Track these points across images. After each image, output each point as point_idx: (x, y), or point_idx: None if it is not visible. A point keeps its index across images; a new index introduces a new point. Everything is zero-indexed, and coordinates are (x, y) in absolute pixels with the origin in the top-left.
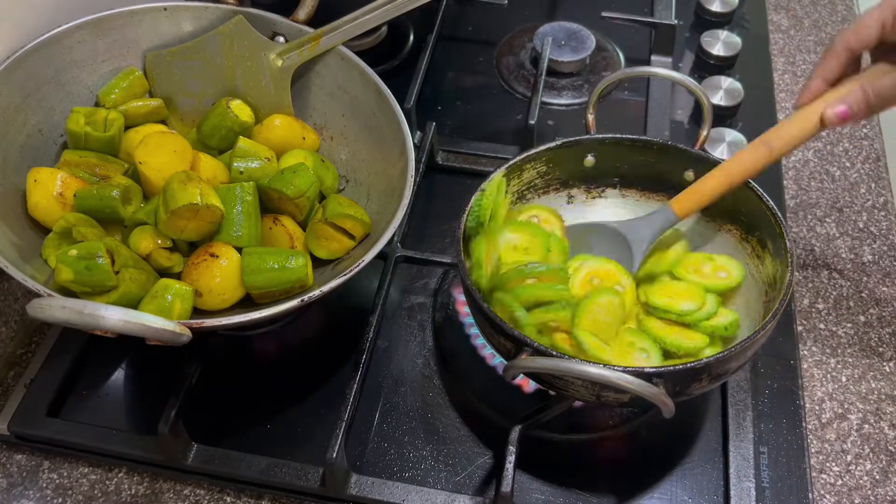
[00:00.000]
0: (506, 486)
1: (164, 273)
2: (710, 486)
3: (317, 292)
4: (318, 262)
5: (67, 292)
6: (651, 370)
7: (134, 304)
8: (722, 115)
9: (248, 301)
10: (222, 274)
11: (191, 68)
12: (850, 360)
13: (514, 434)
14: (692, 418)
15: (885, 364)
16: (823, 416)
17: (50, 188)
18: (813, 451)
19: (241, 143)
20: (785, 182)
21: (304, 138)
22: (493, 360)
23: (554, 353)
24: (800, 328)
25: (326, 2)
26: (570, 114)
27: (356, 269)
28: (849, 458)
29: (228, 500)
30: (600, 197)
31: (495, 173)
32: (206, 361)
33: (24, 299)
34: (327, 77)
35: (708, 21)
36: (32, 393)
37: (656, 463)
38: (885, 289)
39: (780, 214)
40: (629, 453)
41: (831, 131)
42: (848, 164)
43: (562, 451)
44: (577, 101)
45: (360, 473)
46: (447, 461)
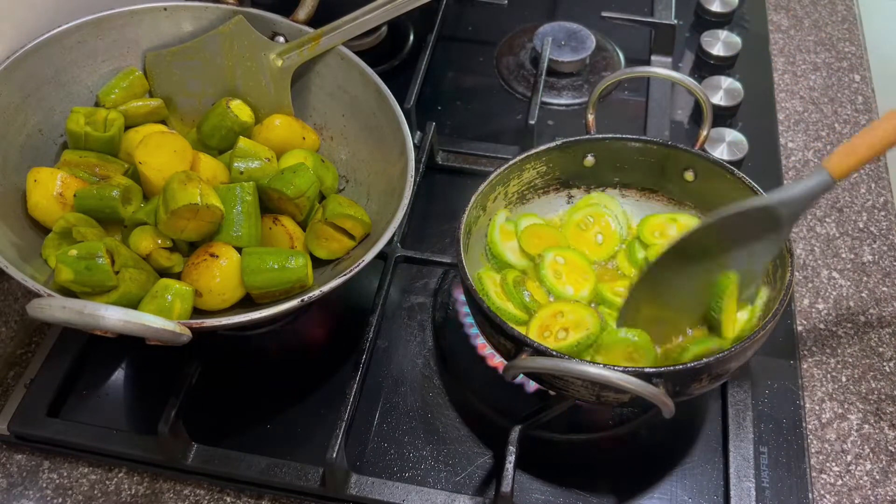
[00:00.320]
0: (506, 486)
1: (164, 273)
2: (710, 486)
3: (317, 292)
4: (318, 262)
5: (67, 292)
6: (651, 370)
7: (134, 304)
8: (722, 115)
9: (248, 301)
10: (222, 274)
11: (191, 68)
12: (850, 360)
13: (514, 434)
14: (692, 418)
15: (885, 364)
16: (823, 416)
17: (50, 188)
18: (813, 451)
19: (242, 143)
20: (785, 182)
21: (304, 138)
22: (494, 360)
23: (554, 352)
24: (800, 328)
25: (326, 2)
26: (570, 114)
27: (356, 269)
28: (849, 458)
29: (228, 500)
30: None
31: (497, 215)
32: (206, 361)
33: (24, 299)
34: (327, 77)
35: (708, 21)
36: (32, 393)
37: (656, 463)
38: (885, 289)
39: None
40: (629, 453)
41: (830, 131)
42: None
43: (562, 451)
44: (577, 101)
45: (360, 473)
46: (447, 461)
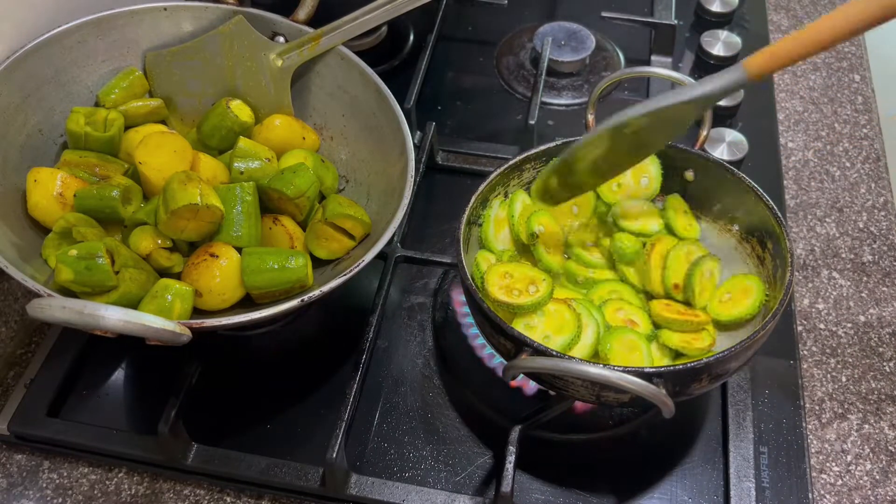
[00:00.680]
0: (506, 486)
1: (164, 273)
2: (710, 486)
3: (317, 292)
4: (318, 262)
5: (67, 292)
6: (651, 370)
7: (134, 304)
8: (722, 115)
9: (248, 301)
10: (222, 274)
11: (191, 68)
12: (850, 360)
13: (514, 434)
14: (692, 418)
15: (885, 364)
16: (823, 416)
17: (50, 188)
18: (813, 451)
19: (242, 143)
20: (785, 182)
21: (304, 138)
22: (493, 361)
23: (554, 352)
24: (800, 328)
25: (326, 2)
26: (570, 114)
27: (356, 269)
28: (849, 458)
29: (228, 500)
30: None
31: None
32: (206, 361)
33: (24, 299)
34: (327, 77)
35: (708, 21)
36: (32, 393)
37: (656, 463)
38: (885, 289)
39: (780, 214)
40: (629, 453)
41: (830, 131)
42: (848, 164)
43: (562, 451)
44: (577, 101)
45: (360, 473)
46: (447, 461)
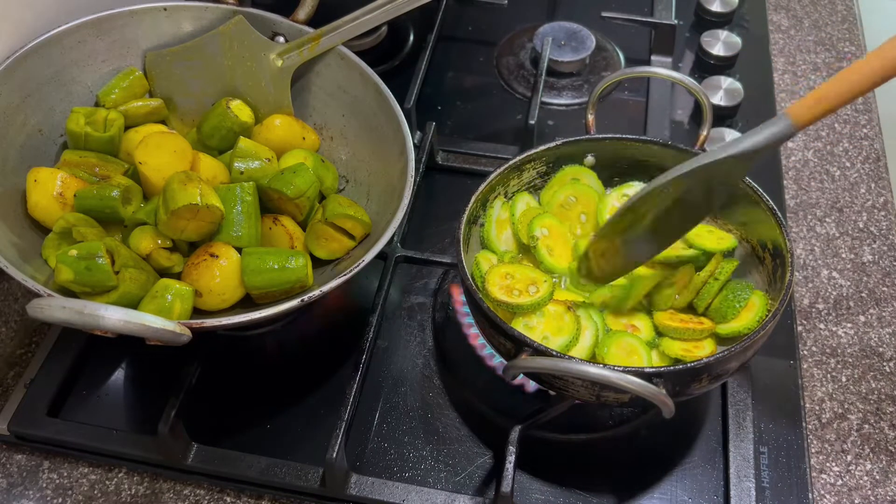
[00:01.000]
0: (506, 486)
1: (164, 273)
2: (710, 486)
3: (317, 292)
4: (318, 262)
5: (67, 292)
6: (651, 370)
7: (134, 304)
8: (722, 115)
9: (248, 301)
10: (222, 274)
11: (191, 68)
12: (850, 360)
13: (514, 434)
14: (692, 418)
15: (885, 364)
16: (823, 416)
17: (50, 188)
18: (813, 451)
19: (242, 143)
20: (785, 182)
21: (304, 138)
22: (493, 360)
23: (554, 352)
24: (800, 328)
25: (326, 2)
26: (570, 114)
27: (356, 269)
28: (849, 458)
29: (228, 500)
30: None
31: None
32: (206, 361)
33: (24, 299)
34: (327, 77)
35: (708, 21)
36: (32, 393)
37: (656, 463)
38: (885, 289)
39: (780, 214)
40: (629, 453)
41: (830, 131)
42: (848, 164)
43: (562, 451)
44: (577, 101)
45: (360, 473)
46: (447, 461)
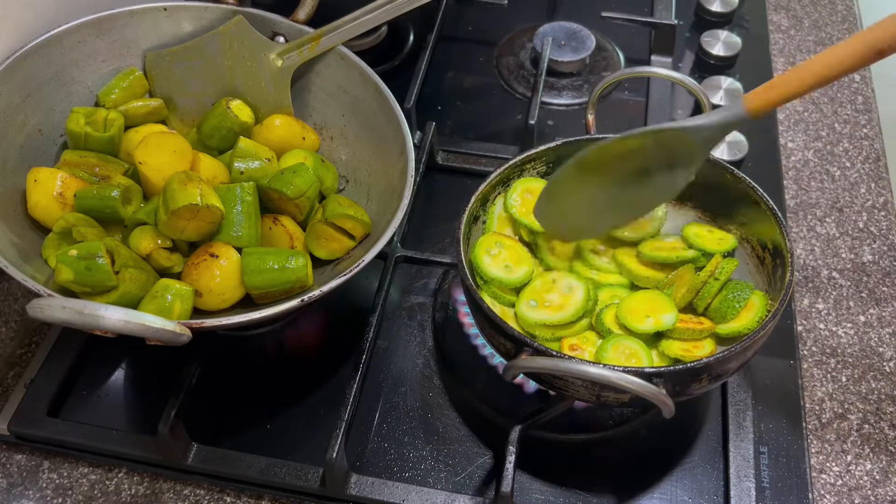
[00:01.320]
0: (506, 486)
1: (164, 273)
2: (710, 486)
3: (317, 292)
4: (318, 262)
5: (67, 292)
6: (651, 370)
7: (134, 304)
8: None
9: (248, 301)
10: (222, 274)
11: (191, 68)
12: (850, 360)
13: (514, 434)
14: (692, 418)
15: (885, 364)
16: (823, 416)
17: (50, 188)
18: (813, 451)
19: (242, 143)
20: (785, 182)
21: (304, 138)
22: (493, 360)
23: (554, 352)
24: (800, 328)
25: (326, 2)
26: (570, 114)
27: (356, 269)
28: (849, 458)
29: (228, 500)
30: None
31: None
32: (206, 361)
33: (24, 299)
34: (327, 77)
35: (708, 21)
36: (32, 393)
37: (656, 463)
38: (885, 289)
39: (780, 214)
40: (629, 453)
41: (830, 131)
42: (848, 164)
43: (562, 451)
44: (577, 101)
45: (360, 473)
46: (447, 461)
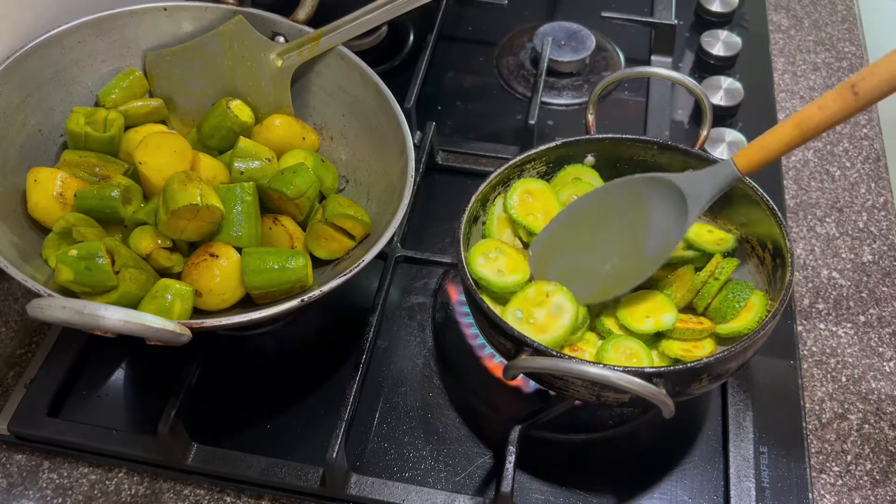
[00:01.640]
0: (506, 486)
1: (164, 273)
2: (710, 486)
3: (317, 292)
4: (318, 262)
5: (67, 292)
6: (651, 370)
7: (134, 304)
8: (722, 115)
9: (248, 301)
10: (222, 274)
11: (191, 68)
12: (850, 360)
13: (514, 434)
14: (692, 418)
15: (885, 364)
16: (823, 416)
17: (50, 188)
18: (813, 451)
19: (242, 143)
20: (785, 182)
21: (304, 138)
22: (493, 360)
23: (554, 352)
24: (800, 328)
25: (326, 2)
26: (570, 114)
27: (356, 269)
28: (849, 458)
29: (228, 500)
30: None
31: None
32: (206, 361)
33: (24, 299)
34: (327, 77)
35: (708, 21)
36: (32, 393)
37: (656, 463)
38: (885, 289)
39: (780, 214)
40: (629, 453)
41: (831, 131)
42: (848, 164)
43: (562, 451)
44: (577, 101)
45: (360, 473)
46: (447, 461)
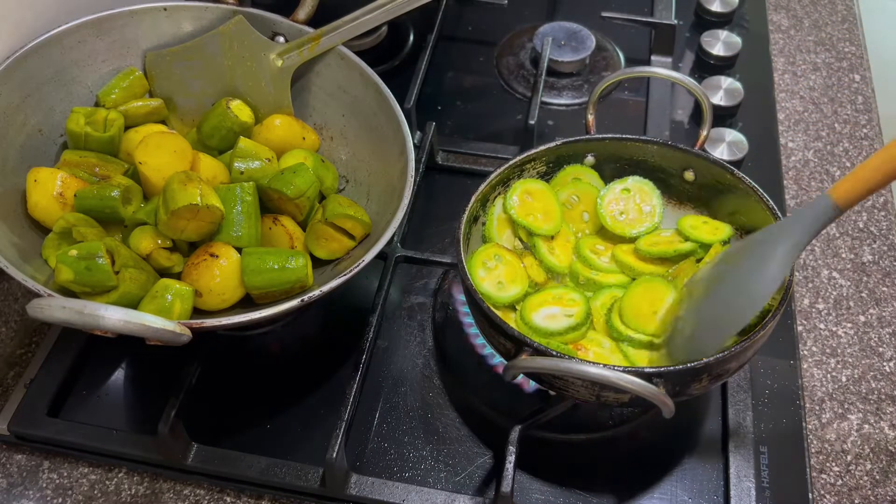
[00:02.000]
0: (506, 486)
1: (164, 273)
2: (710, 486)
3: (317, 292)
4: (318, 262)
5: (67, 292)
6: (651, 370)
7: (134, 304)
8: (722, 115)
9: (248, 301)
10: (222, 274)
11: (191, 68)
12: (850, 360)
13: (514, 434)
14: (692, 418)
15: (885, 364)
16: (823, 416)
17: (50, 188)
18: (813, 451)
19: (242, 143)
20: (785, 182)
21: (304, 138)
22: (493, 360)
23: (554, 352)
24: (800, 328)
25: (326, 2)
26: (570, 114)
27: (356, 269)
28: (849, 458)
29: (228, 500)
30: None
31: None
32: (206, 361)
33: (24, 299)
34: (327, 77)
35: (708, 21)
36: (32, 393)
37: (656, 463)
38: (885, 289)
39: (780, 214)
40: (629, 453)
41: (830, 131)
42: (848, 164)
43: (562, 451)
44: (577, 101)
45: (360, 473)
46: (447, 461)
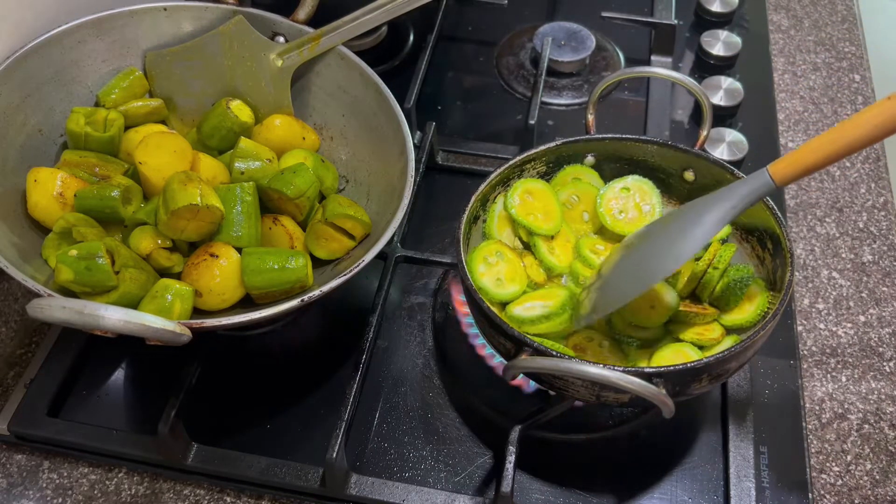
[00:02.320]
0: (506, 486)
1: (164, 273)
2: (710, 486)
3: (317, 292)
4: (318, 262)
5: (67, 292)
6: (651, 370)
7: (134, 304)
8: (722, 115)
9: (248, 301)
10: (222, 274)
11: (191, 68)
12: (850, 360)
13: (514, 434)
14: (692, 418)
15: (885, 364)
16: (823, 416)
17: (50, 188)
18: (813, 451)
19: (243, 143)
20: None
21: (304, 138)
22: (493, 360)
23: (554, 352)
24: (800, 328)
25: (326, 2)
26: (570, 114)
27: (356, 269)
28: (849, 458)
29: (228, 500)
30: None
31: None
32: (206, 361)
33: (24, 299)
34: (327, 77)
35: (708, 21)
36: (32, 393)
37: (656, 463)
38: (885, 289)
39: (780, 214)
40: (629, 453)
41: None
42: (848, 164)
43: (562, 451)
44: (577, 101)
45: (360, 473)
46: (447, 461)
